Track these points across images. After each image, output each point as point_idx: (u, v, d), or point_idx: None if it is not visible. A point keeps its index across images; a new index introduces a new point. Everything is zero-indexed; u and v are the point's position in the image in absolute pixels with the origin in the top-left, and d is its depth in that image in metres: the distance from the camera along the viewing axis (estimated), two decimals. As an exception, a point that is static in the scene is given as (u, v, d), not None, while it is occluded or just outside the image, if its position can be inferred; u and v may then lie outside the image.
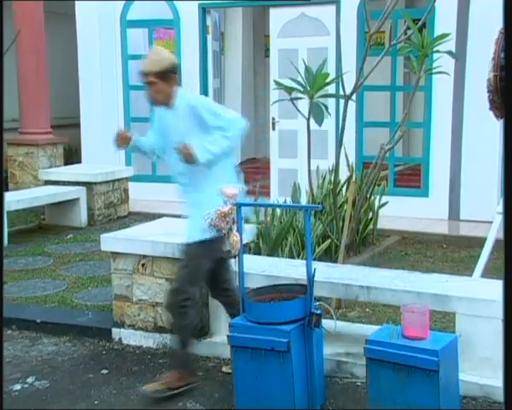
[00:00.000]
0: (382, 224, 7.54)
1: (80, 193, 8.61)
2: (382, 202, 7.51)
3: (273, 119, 9.33)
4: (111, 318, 5.01)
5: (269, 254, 5.70)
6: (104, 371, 4.48)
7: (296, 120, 7.86)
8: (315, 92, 5.12)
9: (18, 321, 5.27)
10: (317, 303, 3.82)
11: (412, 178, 9.43)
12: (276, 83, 5.61)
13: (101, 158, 9.90)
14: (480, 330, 3.92)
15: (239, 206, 3.93)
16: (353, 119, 8.39)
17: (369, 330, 4.19)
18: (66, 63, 12.04)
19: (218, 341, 4.54)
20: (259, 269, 4.53)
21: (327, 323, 3.94)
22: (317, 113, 5.17)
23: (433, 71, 5.44)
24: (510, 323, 2.08)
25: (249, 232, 4.91)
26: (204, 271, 4.07)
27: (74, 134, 10.83)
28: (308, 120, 5.21)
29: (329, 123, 7.61)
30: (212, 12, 9.86)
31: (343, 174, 6.69)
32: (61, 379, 4.39)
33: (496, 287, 3.95)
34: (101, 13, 10.02)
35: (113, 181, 9.03)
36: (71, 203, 8.56)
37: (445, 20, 8.03)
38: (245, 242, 4.40)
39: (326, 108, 5.22)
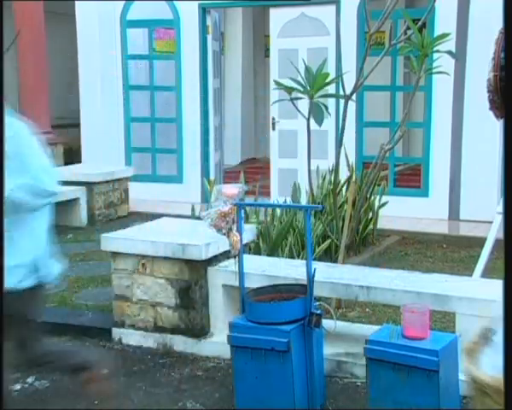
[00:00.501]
0: (382, 224, 7.54)
1: (80, 193, 8.61)
2: (382, 201, 7.51)
3: (273, 119, 9.33)
4: (111, 318, 5.01)
5: (269, 254, 5.69)
6: (104, 371, 4.47)
7: (296, 119, 7.86)
8: (315, 92, 5.11)
9: (18, 321, 5.26)
10: (317, 303, 3.83)
11: (412, 178, 9.43)
12: (276, 83, 5.61)
13: (101, 158, 9.91)
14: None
15: (239, 206, 3.93)
16: (353, 119, 8.39)
17: (369, 330, 4.19)
18: (66, 63, 12.04)
19: (218, 341, 4.54)
20: (259, 269, 4.53)
21: (327, 323, 3.94)
22: (316, 113, 5.17)
23: (433, 71, 5.44)
24: (510, 323, 2.08)
25: (249, 232, 4.92)
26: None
27: (74, 134, 10.83)
28: (308, 119, 5.21)
29: (329, 123, 7.61)
30: (212, 12, 9.86)
31: (343, 174, 6.69)
32: (61, 379, 4.38)
33: (496, 287, 3.95)
34: (101, 13, 10.02)
35: (114, 181, 9.03)
36: (71, 203, 8.56)
37: (445, 19, 8.02)
38: (245, 242, 4.40)
39: (326, 108, 5.22)
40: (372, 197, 7.24)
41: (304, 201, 7.14)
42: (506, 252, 2.13)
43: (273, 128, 9.37)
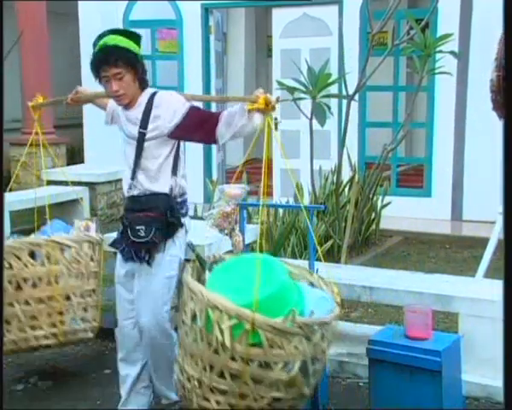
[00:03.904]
0: (385, 224, 7.54)
1: (83, 193, 8.61)
2: (385, 202, 7.50)
3: (275, 119, 9.30)
4: (113, 318, 5.00)
5: (271, 255, 5.68)
6: (107, 371, 4.48)
7: (299, 120, 7.85)
8: (317, 92, 5.12)
9: (20, 321, 5.25)
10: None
11: (415, 179, 9.43)
12: (279, 83, 5.61)
13: (103, 158, 9.91)
14: (482, 330, 3.91)
15: (241, 206, 3.92)
16: (356, 119, 8.39)
17: (371, 330, 4.18)
18: (68, 63, 12.05)
19: (221, 341, 4.53)
20: (262, 269, 4.52)
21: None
22: (319, 113, 5.17)
23: (436, 71, 5.44)
24: (510, 323, 2.08)
25: (251, 232, 4.90)
26: None
27: (77, 134, 10.84)
28: (311, 120, 5.21)
29: (332, 123, 7.61)
30: (215, 12, 9.86)
31: (346, 174, 6.69)
32: (64, 379, 4.39)
33: (498, 287, 3.94)
34: (104, 13, 10.03)
35: (116, 181, 9.03)
36: (73, 203, 8.55)
37: (447, 20, 8.02)
38: (247, 242, 4.39)
39: (328, 108, 5.22)
40: (375, 198, 7.23)
41: (306, 201, 7.14)
42: (506, 252, 2.13)
43: (275, 128, 9.34)
